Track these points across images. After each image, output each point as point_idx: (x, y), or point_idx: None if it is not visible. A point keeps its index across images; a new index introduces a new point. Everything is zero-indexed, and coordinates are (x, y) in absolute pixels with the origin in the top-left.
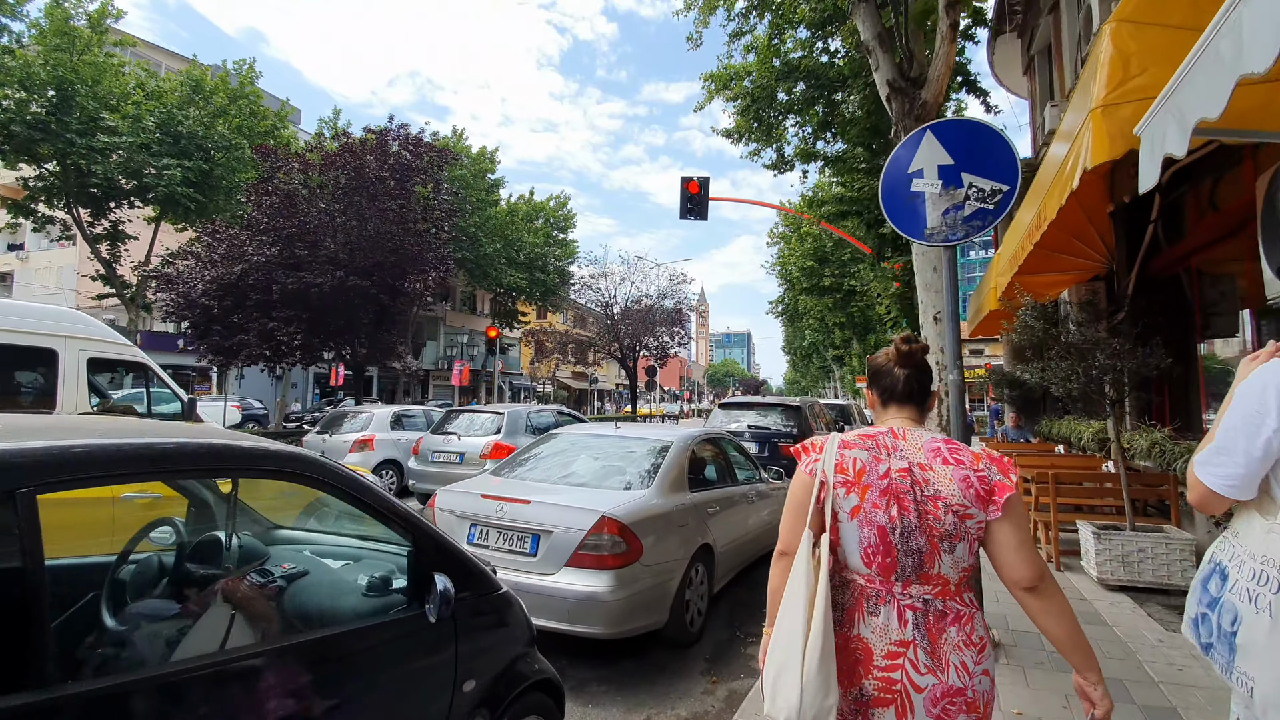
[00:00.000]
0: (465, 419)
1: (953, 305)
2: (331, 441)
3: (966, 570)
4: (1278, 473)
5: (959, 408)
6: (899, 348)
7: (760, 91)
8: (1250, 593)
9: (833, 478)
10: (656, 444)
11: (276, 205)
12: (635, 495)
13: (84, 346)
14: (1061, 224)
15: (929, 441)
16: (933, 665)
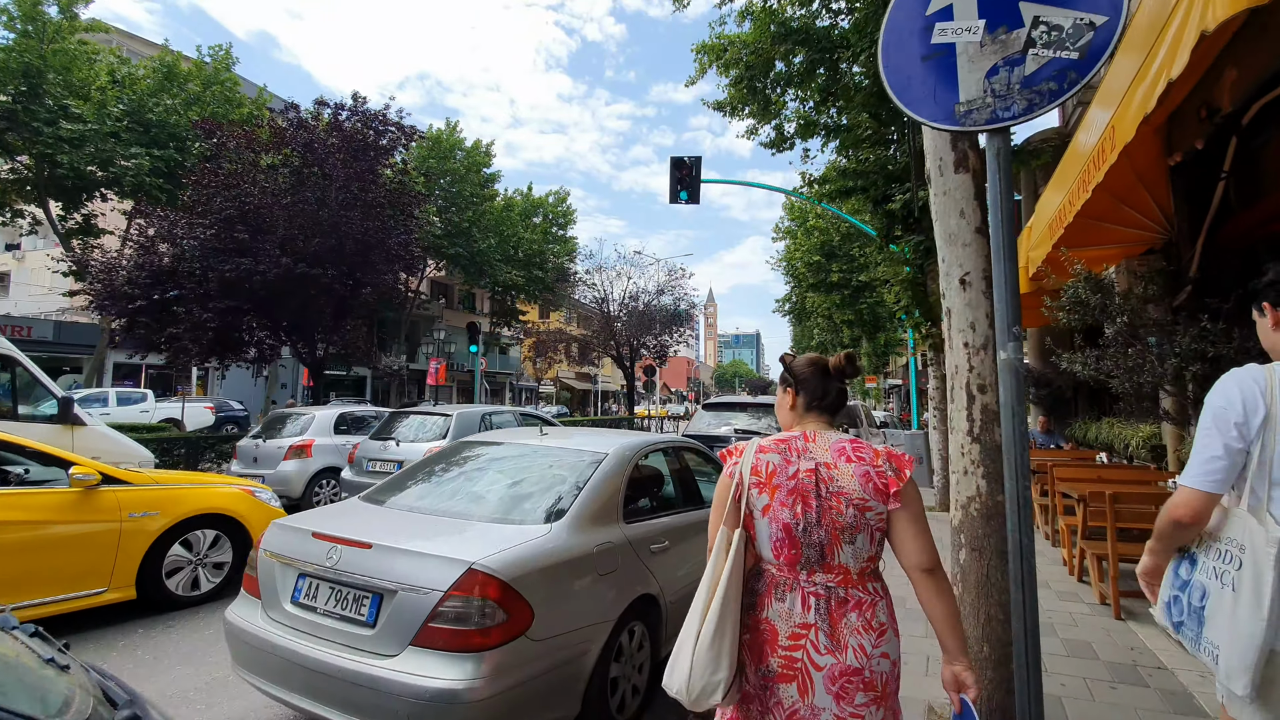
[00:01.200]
0: (411, 422)
1: (1010, 236)
2: (265, 447)
3: (869, 561)
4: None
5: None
6: (845, 364)
7: (756, 59)
8: (1216, 570)
9: (748, 479)
10: (585, 459)
11: (216, 184)
12: (532, 534)
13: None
14: (1109, 183)
15: (836, 442)
16: (832, 646)
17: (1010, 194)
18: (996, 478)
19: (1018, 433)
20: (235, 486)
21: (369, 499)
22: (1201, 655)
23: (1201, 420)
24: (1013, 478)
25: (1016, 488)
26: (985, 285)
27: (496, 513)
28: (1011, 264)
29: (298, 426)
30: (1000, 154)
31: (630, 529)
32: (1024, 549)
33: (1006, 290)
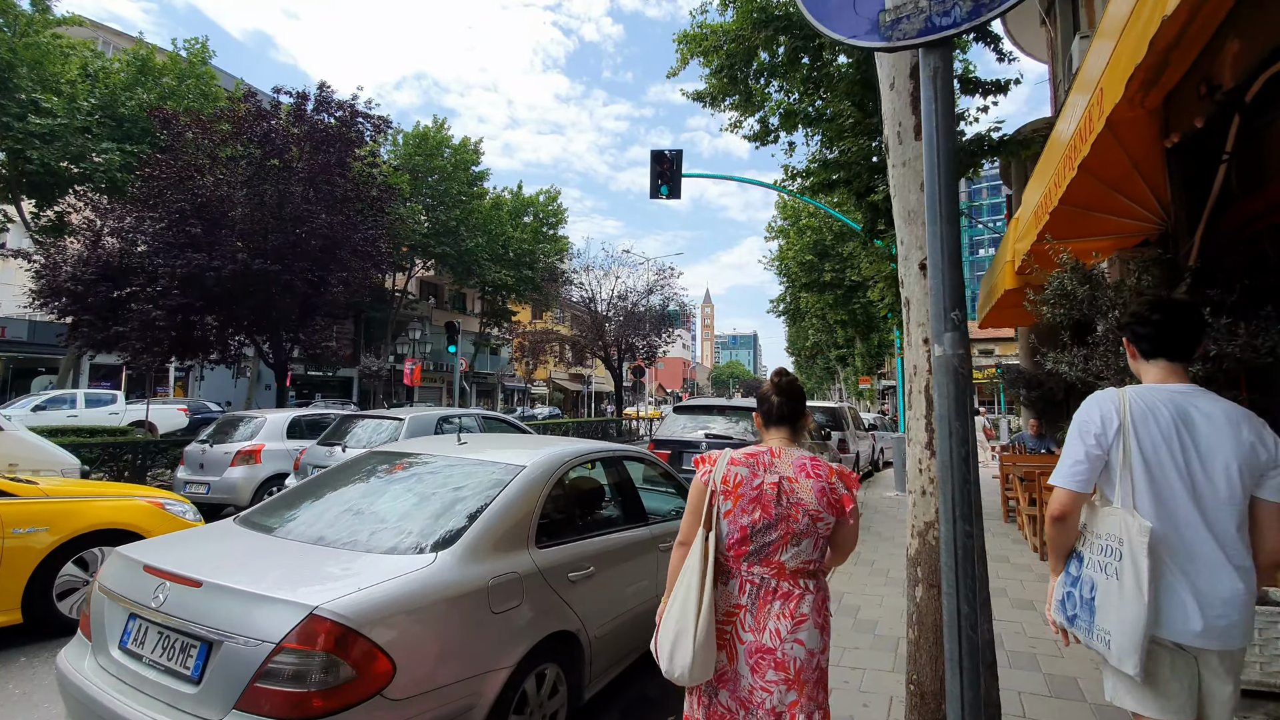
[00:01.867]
0: (362, 426)
1: (949, 186)
2: (212, 453)
3: (805, 562)
4: (1105, 473)
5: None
6: (774, 380)
7: (737, 47)
8: (1101, 564)
9: (719, 487)
10: (496, 474)
11: (168, 176)
12: (409, 567)
13: None
14: (1100, 169)
15: (798, 459)
16: (754, 627)
17: (951, 132)
18: (958, 500)
19: (958, 455)
20: (142, 499)
21: (245, 521)
22: (1095, 643)
23: (1069, 432)
24: (950, 519)
25: (954, 532)
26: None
27: (376, 540)
28: (951, 226)
29: (248, 431)
30: (938, 76)
31: (544, 555)
32: (964, 621)
33: (944, 260)
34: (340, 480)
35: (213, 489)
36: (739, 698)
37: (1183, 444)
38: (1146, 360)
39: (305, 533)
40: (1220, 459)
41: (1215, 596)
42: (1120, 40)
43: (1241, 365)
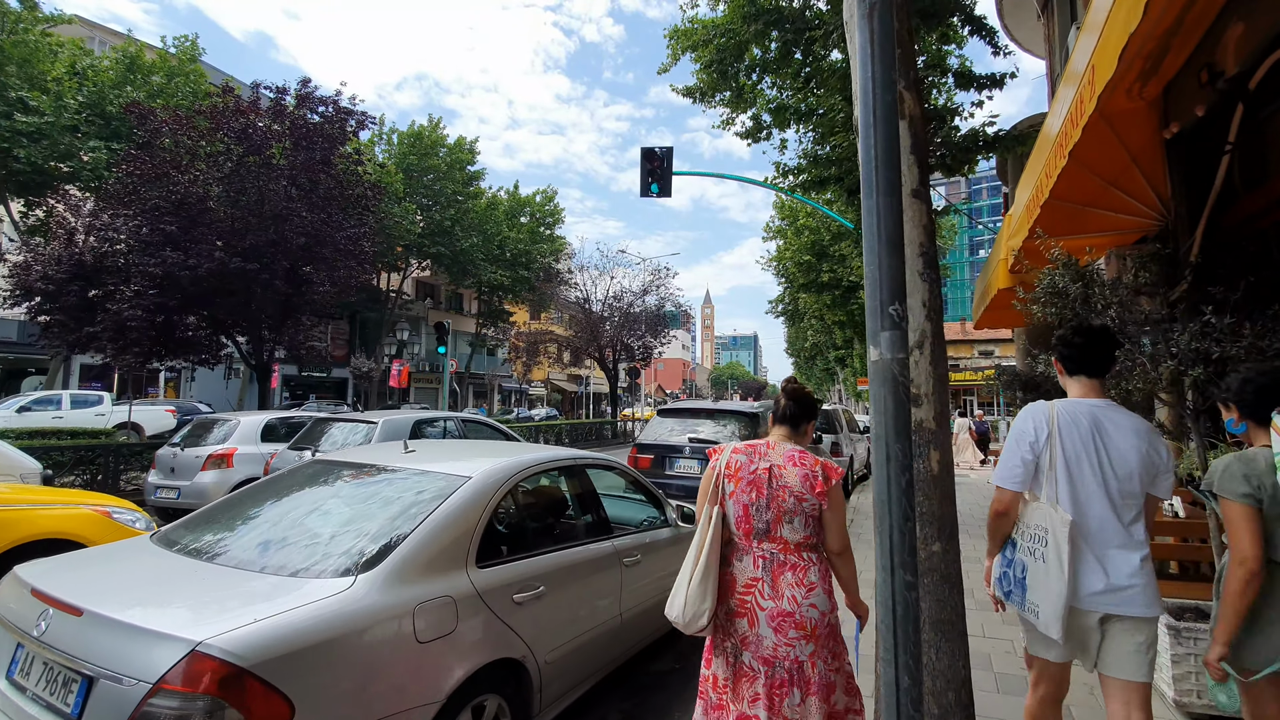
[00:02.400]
0: (337, 429)
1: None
2: (183, 457)
3: (805, 538)
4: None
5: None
6: (785, 385)
7: (728, 42)
8: (1030, 549)
9: (724, 471)
10: (436, 486)
11: (144, 172)
12: (321, 593)
13: None
14: (1097, 163)
15: (788, 451)
16: (773, 595)
17: (890, 83)
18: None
19: (897, 486)
20: (89, 506)
21: (161, 538)
22: (1026, 614)
23: (1008, 438)
24: (888, 568)
25: (892, 585)
26: (923, 264)
27: (292, 561)
28: (890, 200)
29: (220, 434)
30: (874, 15)
31: (485, 575)
32: (903, 697)
33: (880, 240)
34: (270, 493)
35: (183, 494)
36: (761, 656)
37: (1098, 450)
38: (1070, 376)
39: (218, 552)
40: (1127, 463)
41: (1121, 572)
42: (1112, 10)
43: None
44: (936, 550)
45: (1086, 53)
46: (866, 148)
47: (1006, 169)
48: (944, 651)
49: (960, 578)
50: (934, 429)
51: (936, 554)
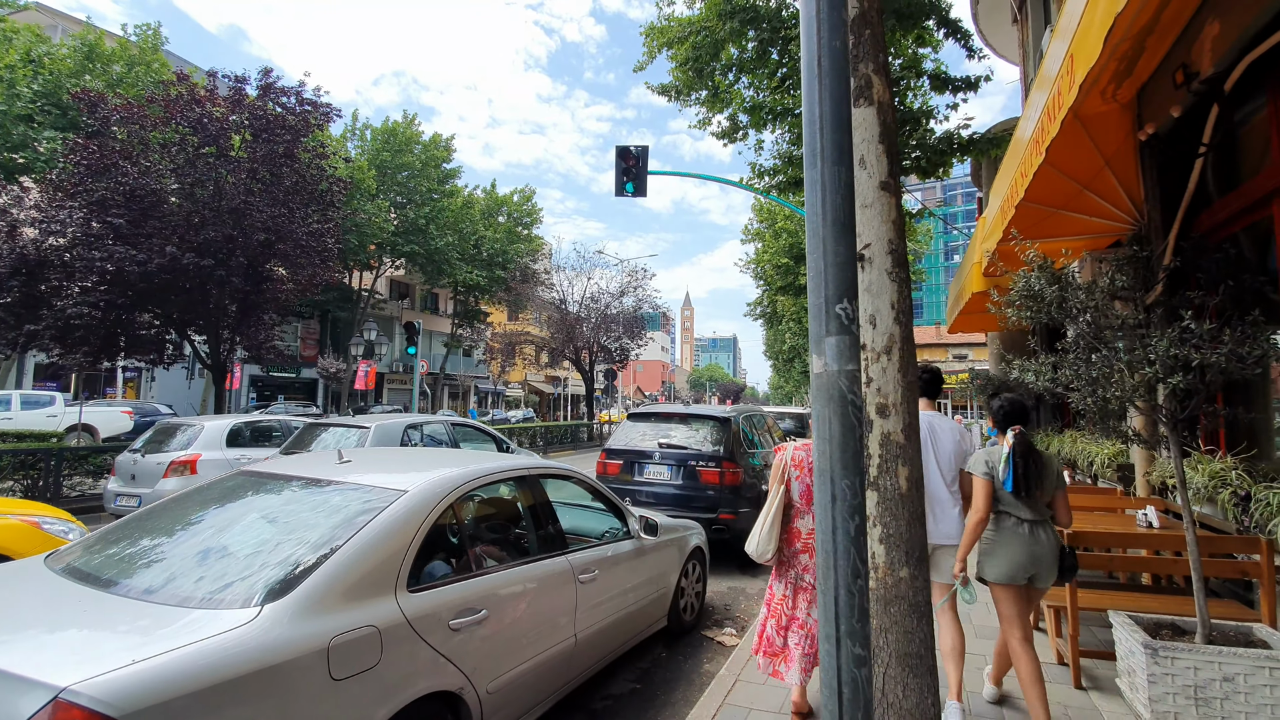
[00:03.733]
0: (330, 434)
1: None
2: (144, 463)
3: None
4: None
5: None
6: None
7: (704, 40)
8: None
9: (790, 463)
10: (367, 502)
11: (89, 162)
12: (220, 626)
13: None
14: (1071, 166)
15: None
16: None
17: (839, 20)
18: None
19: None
20: (15, 516)
21: (56, 558)
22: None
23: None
24: (832, 637)
25: (838, 659)
26: (892, 262)
27: (194, 589)
28: (838, 170)
29: (184, 439)
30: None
31: (417, 600)
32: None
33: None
34: (184, 510)
35: (144, 502)
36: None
37: (931, 443)
38: (925, 394)
39: (112, 579)
40: (947, 450)
41: (948, 522)
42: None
43: (1226, 376)
44: (904, 576)
45: (1061, 51)
46: (810, 105)
47: (981, 173)
48: (911, 689)
49: (929, 607)
50: (903, 442)
51: (904, 580)
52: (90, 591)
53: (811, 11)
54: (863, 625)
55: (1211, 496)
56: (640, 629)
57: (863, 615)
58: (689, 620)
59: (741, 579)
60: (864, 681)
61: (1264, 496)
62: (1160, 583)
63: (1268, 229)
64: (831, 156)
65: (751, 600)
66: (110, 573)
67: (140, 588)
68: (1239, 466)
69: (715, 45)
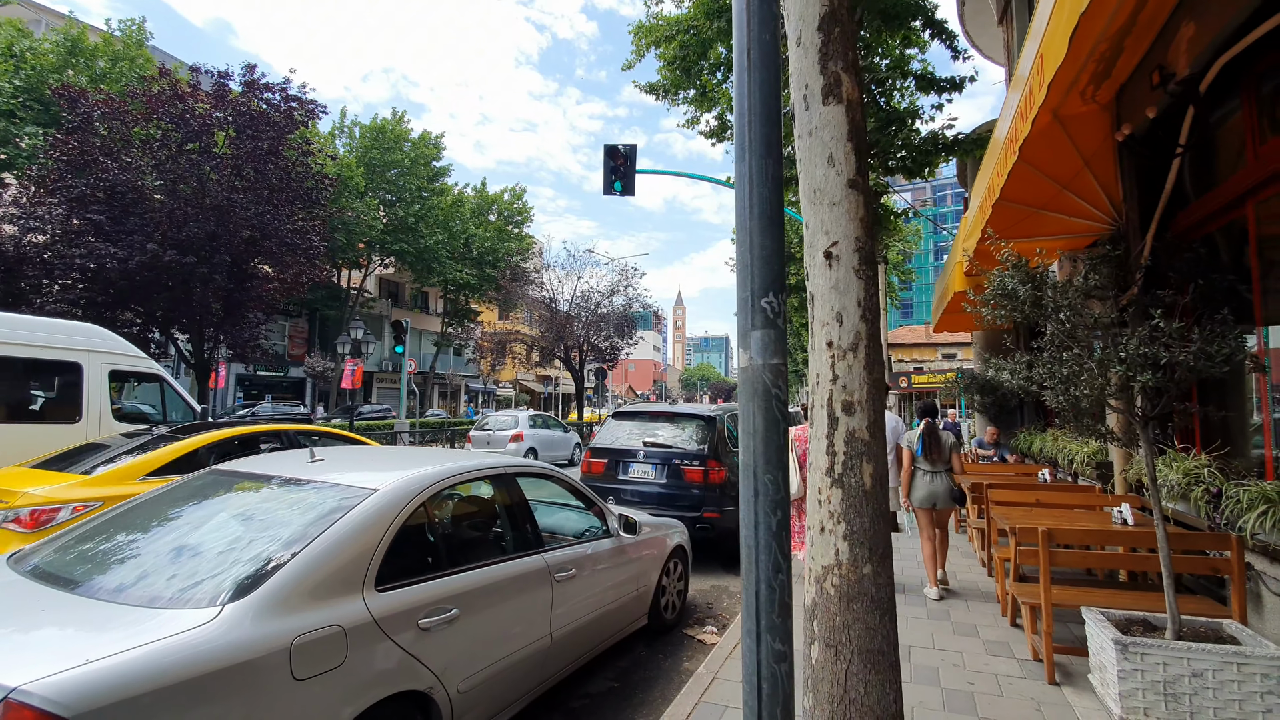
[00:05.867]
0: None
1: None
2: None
3: None
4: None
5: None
6: None
7: (692, 39)
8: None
9: (793, 437)
10: (336, 501)
11: (69, 158)
12: (180, 626)
13: (106, 360)
14: (1051, 166)
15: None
16: None
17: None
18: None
19: (765, 528)
20: None
21: (18, 559)
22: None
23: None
24: (753, 632)
25: (759, 654)
26: (859, 260)
27: (153, 589)
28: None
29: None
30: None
31: (386, 600)
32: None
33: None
34: (153, 509)
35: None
36: None
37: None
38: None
39: (74, 578)
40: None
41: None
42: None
43: (1194, 375)
44: (867, 573)
45: (1032, 51)
46: (740, 98)
47: (967, 173)
48: (873, 685)
49: (893, 603)
50: (867, 439)
51: (867, 577)
52: (51, 591)
53: (743, 5)
54: (783, 620)
55: (1185, 494)
56: (620, 627)
57: (784, 610)
58: (670, 619)
59: (725, 577)
60: (783, 677)
61: (1235, 493)
62: (1137, 580)
63: (1242, 229)
64: (759, 150)
65: (734, 599)
66: (73, 572)
67: (102, 587)
68: (1212, 464)
69: (703, 44)
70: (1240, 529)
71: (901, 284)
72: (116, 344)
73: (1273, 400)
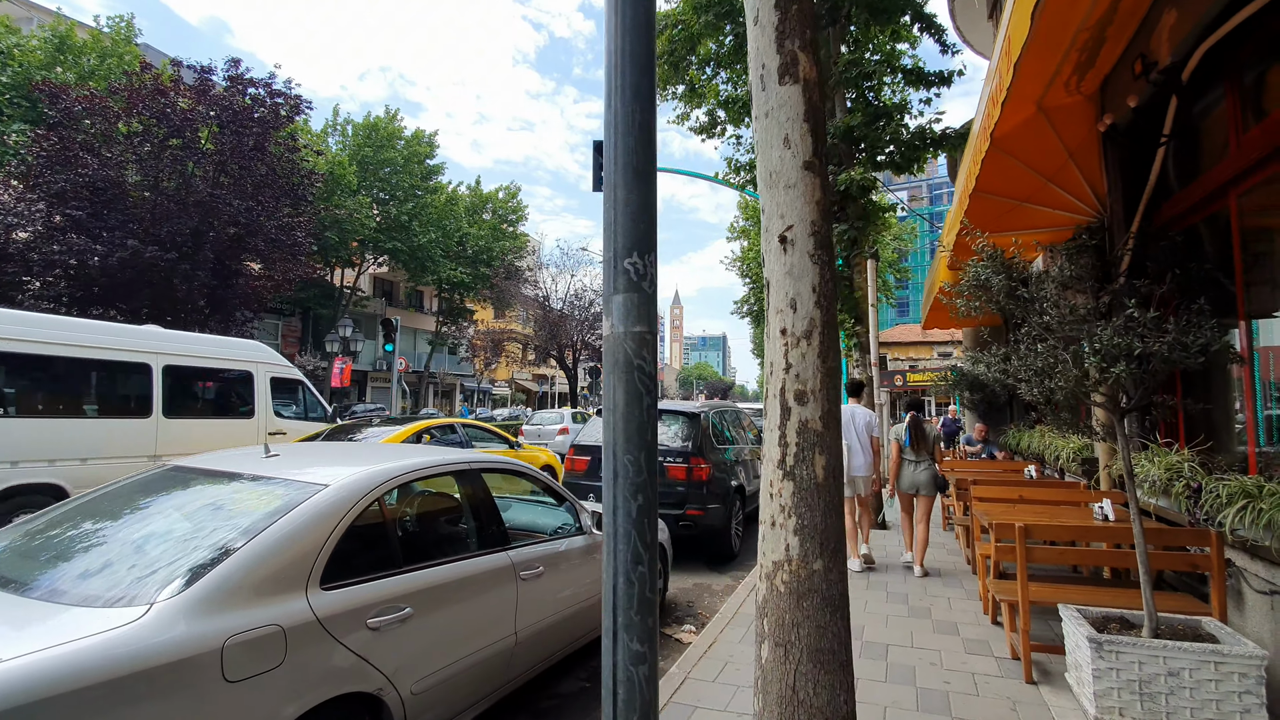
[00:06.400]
0: None
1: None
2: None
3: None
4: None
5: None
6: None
7: (681, 34)
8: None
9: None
10: (290, 494)
11: (48, 154)
12: (103, 625)
13: (268, 369)
14: (1034, 158)
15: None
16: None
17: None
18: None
19: (624, 516)
20: None
21: None
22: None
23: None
24: (610, 651)
25: (615, 656)
26: (814, 244)
27: (81, 586)
28: (637, 105)
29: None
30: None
31: (332, 598)
32: None
33: (619, 166)
34: (99, 506)
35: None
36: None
37: (853, 422)
38: (852, 396)
39: (10, 575)
40: (860, 426)
41: (862, 462)
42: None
43: (1169, 366)
44: (818, 569)
45: (1001, 36)
46: (608, 36)
47: (957, 169)
48: (823, 686)
49: (845, 600)
50: (821, 430)
51: (818, 573)
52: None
53: None
54: (642, 618)
55: (1167, 489)
56: (593, 626)
57: (643, 607)
58: None
59: (708, 576)
60: (642, 681)
61: (1215, 488)
62: (1120, 577)
63: (1225, 221)
64: (627, 95)
65: (716, 597)
66: (7, 570)
67: (35, 586)
68: (1194, 459)
69: (691, 39)
70: (1220, 524)
71: (898, 282)
72: (275, 357)
73: (1258, 394)
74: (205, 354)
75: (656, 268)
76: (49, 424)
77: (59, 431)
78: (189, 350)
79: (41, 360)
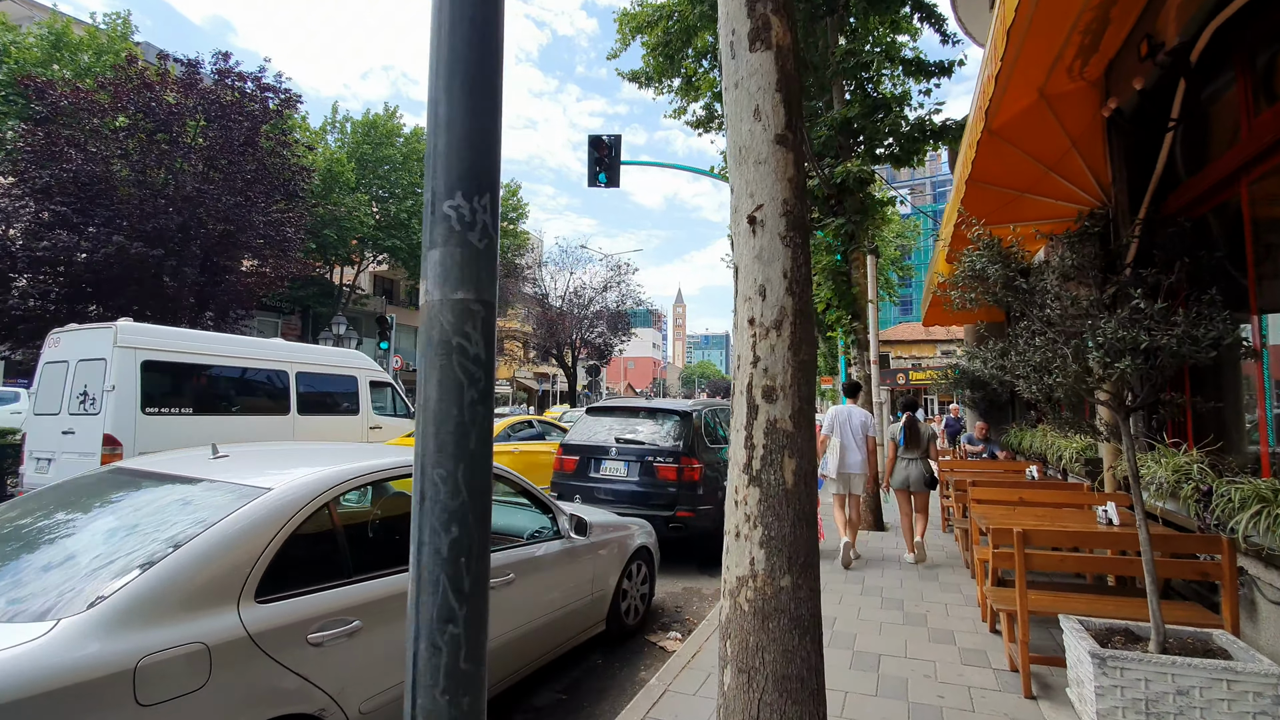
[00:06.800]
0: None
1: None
2: None
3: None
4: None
5: (433, 390)
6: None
7: (676, 26)
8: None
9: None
10: (229, 499)
11: (34, 149)
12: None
13: (368, 374)
14: (1037, 147)
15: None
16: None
17: None
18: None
19: (434, 556)
20: None
21: None
22: (826, 470)
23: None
24: (410, 689)
25: (412, 714)
26: (786, 226)
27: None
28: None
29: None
30: None
31: (268, 612)
32: None
33: (439, 65)
34: (29, 508)
35: None
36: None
37: (848, 421)
38: (849, 397)
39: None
40: (855, 424)
41: (855, 459)
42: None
43: (1178, 360)
44: (785, 585)
45: (995, 15)
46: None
47: (957, 161)
48: (789, 717)
49: (818, 621)
50: (791, 430)
51: (785, 590)
52: None
53: None
54: (452, 700)
55: (1175, 492)
56: (571, 634)
57: (456, 684)
58: (632, 624)
59: (699, 579)
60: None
61: (1226, 491)
62: (1126, 585)
63: (1236, 210)
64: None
65: (706, 602)
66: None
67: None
68: (1203, 460)
69: (687, 31)
70: (1232, 530)
71: (901, 280)
72: (373, 364)
73: (1270, 392)
74: (323, 362)
75: (496, 215)
76: (220, 420)
77: (221, 427)
78: (311, 359)
79: (211, 369)
